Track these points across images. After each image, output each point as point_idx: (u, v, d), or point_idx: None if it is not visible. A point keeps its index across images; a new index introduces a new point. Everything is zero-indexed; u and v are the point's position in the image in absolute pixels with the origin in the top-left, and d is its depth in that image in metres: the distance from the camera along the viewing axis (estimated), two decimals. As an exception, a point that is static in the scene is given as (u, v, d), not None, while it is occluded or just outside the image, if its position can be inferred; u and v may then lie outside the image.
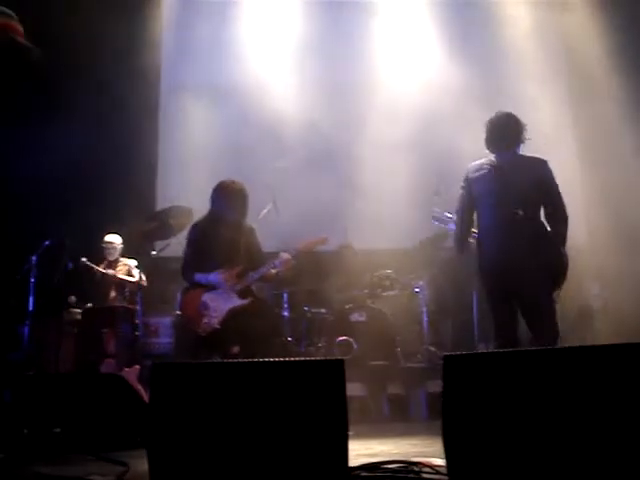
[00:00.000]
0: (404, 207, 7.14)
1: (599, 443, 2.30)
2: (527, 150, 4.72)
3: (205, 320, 5.25)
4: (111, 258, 7.02)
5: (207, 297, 5.34)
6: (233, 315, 5.30)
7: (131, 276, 6.85)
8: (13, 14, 3.27)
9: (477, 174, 4.70)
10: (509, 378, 2.44)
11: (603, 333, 6.60)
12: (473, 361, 2.54)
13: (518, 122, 4.73)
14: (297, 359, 2.69)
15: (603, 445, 2.29)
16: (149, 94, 8.26)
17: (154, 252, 6.77)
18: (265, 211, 6.85)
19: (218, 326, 5.23)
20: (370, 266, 6.79)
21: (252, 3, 8.41)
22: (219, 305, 5.31)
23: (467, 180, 4.74)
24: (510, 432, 2.38)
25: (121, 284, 6.81)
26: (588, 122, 7.45)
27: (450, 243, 6.79)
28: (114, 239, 7.05)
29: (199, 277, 5.41)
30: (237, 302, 5.36)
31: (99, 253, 7.06)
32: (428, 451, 3.34)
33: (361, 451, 3.56)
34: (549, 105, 7.45)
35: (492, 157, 4.71)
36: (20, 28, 3.24)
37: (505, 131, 4.69)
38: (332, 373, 2.58)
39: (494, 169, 4.65)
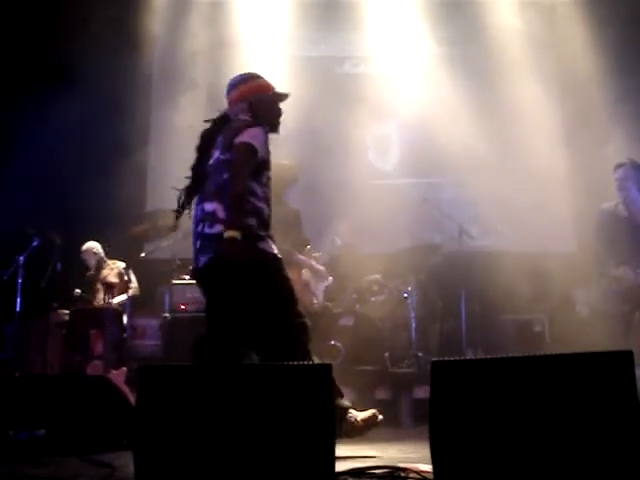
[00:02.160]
0: (393, 211, 7.13)
1: (585, 449, 2.31)
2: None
3: (314, 299, 4.92)
4: (91, 264, 6.97)
5: (307, 274, 5.02)
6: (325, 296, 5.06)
7: (122, 278, 6.72)
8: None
9: None
10: (496, 384, 2.45)
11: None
12: (461, 367, 2.55)
13: None
14: (284, 363, 2.69)
15: (589, 451, 2.30)
16: (141, 94, 8.21)
17: (143, 254, 6.74)
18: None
19: (328, 304, 4.93)
20: (359, 271, 6.77)
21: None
22: (317, 284, 4.99)
23: None
24: (497, 438, 2.38)
25: (110, 285, 6.71)
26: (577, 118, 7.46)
27: (443, 250, 6.83)
28: (89, 247, 6.99)
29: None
30: (326, 282, 5.11)
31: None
32: (415, 457, 3.33)
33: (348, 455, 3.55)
34: (538, 105, 7.48)
35: None
36: (268, 82, 3.91)
37: None
38: (320, 377, 2.58)
39: None
